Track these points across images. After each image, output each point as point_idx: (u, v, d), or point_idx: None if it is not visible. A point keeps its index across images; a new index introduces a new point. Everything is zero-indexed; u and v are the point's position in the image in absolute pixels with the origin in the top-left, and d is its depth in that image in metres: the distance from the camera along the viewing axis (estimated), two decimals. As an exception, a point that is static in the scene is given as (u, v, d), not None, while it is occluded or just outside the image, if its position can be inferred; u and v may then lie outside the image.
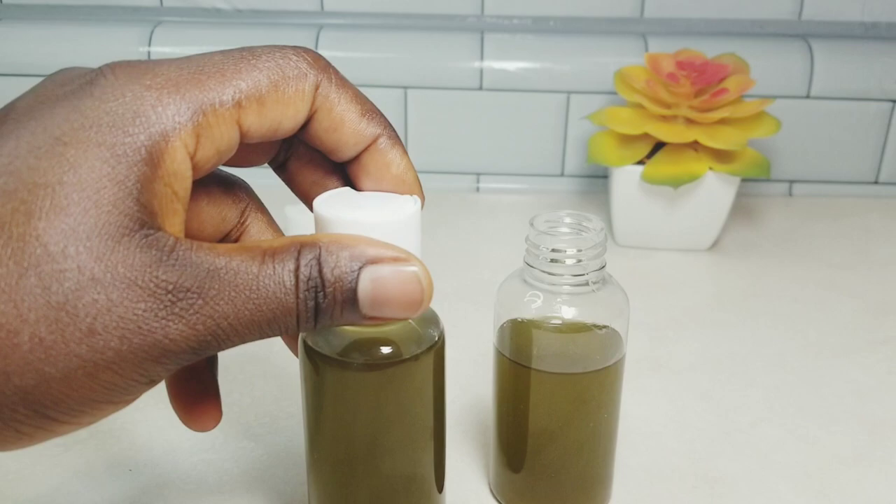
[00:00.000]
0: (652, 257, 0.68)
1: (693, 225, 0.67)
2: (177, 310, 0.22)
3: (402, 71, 0.77)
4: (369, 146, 0.28)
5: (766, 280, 0.65)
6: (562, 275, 0.35)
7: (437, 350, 0.30)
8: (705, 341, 0.56)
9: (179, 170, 0.23)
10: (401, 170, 0.28)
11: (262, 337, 0.23)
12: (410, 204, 0.27)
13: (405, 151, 0.29)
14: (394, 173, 0.28)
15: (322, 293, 0.23)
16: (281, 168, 0.30)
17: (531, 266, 0.36)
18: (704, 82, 0.65)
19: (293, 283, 0.23)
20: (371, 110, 0.28)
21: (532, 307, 0.36)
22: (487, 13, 0.80)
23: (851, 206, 0.79)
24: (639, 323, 0.57)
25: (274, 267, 0.23)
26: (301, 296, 0.23)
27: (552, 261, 0.35)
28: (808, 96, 0.77)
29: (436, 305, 0.62)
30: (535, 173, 0.81)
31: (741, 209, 0.76)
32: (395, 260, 0.24)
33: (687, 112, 0.65)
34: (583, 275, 0.35)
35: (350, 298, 0.23)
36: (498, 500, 0.41)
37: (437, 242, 0.69)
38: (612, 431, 0.39)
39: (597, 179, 0.80)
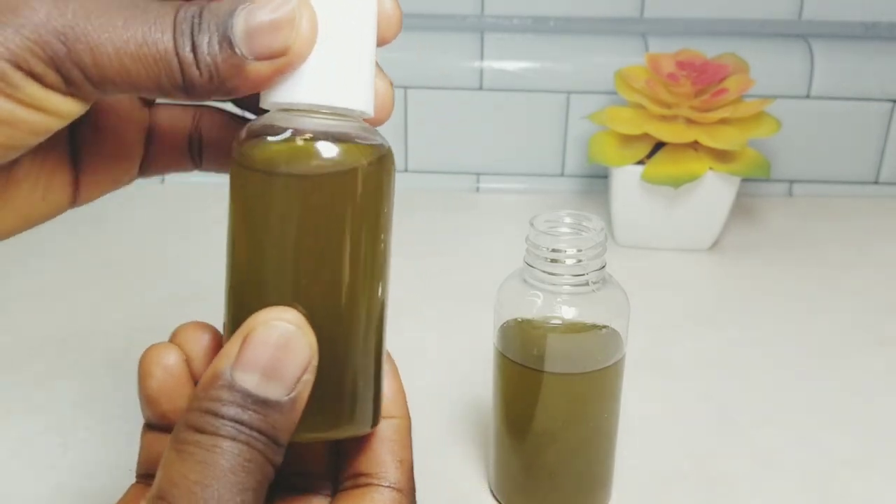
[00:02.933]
0: (652, 257, 0.68)
1: (693, 225, 0.67)
2: None
3: (402, 71, 0.77)
4: None
5: (766, 280, 0.65)
6: (562, 275, 0.35)
7: (374, 169, 0.26)
8: (705, 341, 0.56)
9: None
10: None
11: (142, 72, 0.23)
12: None
13: None
14: None
15: (198, 26, 0.23)
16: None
17: (531, 266, 0.36)
18: (704, 82, 0.65)
19: (172, 15, 0.23)
20: None
21: (532, 307, 0.36)
22: (487, 13, 0.80)
23: (851, 206, 0.79)
24: (639, 323, 0.57)
25: (159, 4, 0.23)
26: (178, 20, 0.23)
27: (552, 261, 0.35)
28: (808, 96, 0.77)
29: (436, 304, 0.62)
30: (535, 173, 0.81)
31: (741, 209, 0.76)
32: None
33: (687, 112, 0.65)
34: (583, 275, 0.35)
35: (224, 29, 0.23)
36: (498, 500, 0.41)
37: (438, 242, 0.69)
38: (612, 431, 0.39)
39: (597, 179, 0.80)
